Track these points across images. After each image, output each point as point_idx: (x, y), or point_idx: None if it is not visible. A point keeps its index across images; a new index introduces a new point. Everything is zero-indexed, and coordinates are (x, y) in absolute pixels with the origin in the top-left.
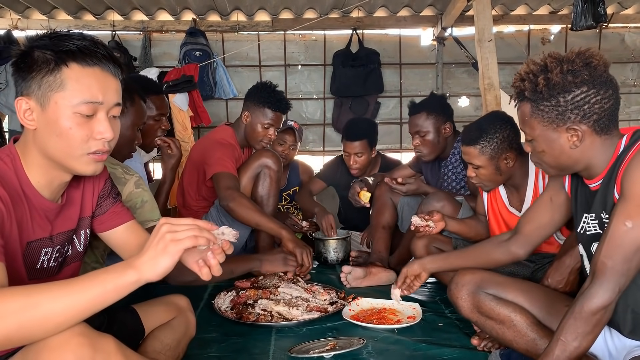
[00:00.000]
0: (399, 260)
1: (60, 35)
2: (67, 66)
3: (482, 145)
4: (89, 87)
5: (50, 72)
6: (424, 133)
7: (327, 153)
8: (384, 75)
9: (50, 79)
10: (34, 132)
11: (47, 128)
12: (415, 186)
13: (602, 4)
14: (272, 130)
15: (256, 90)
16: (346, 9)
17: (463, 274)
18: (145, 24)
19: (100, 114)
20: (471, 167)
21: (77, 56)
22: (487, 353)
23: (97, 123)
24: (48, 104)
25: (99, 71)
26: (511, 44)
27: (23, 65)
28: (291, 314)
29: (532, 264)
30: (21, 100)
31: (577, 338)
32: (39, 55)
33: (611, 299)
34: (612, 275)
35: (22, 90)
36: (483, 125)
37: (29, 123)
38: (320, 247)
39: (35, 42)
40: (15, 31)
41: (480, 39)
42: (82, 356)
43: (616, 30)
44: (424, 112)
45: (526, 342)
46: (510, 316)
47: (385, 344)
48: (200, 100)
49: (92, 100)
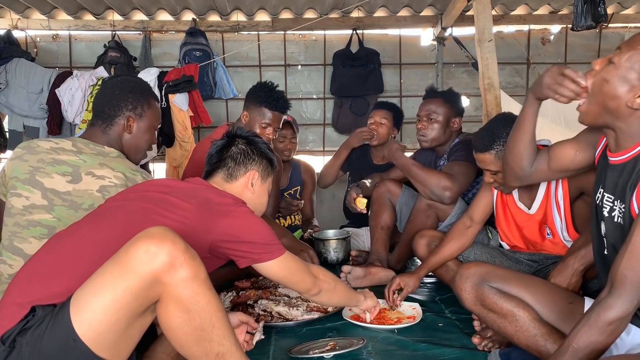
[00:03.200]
0: (398, 260)
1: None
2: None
3: (496, 150)
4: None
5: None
6: (434, 118)
7: (327, 153)
8: (384, 75)
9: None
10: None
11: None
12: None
13: (602, 4)
14: (271, 129)
15: (255, 90)
16: (346, 9)
17: (468, 266)
18: (145, 24)
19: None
20: (488, 173)
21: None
22: (487, 353)
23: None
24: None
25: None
26: (511, 44)
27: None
28: (291, 314)
29: (536, 263)
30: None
31: (589, 346)
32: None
33: (629, 310)
34: (631, 287)
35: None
36: (493, 129)
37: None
38: (320, 247)
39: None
40: (15, 31)
41: (480, 39)
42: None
43: (616, 30)
44: (440, 98)
45: (527, 338)
46: (513, 311)
47: (385, 344)
48: (200, 100)
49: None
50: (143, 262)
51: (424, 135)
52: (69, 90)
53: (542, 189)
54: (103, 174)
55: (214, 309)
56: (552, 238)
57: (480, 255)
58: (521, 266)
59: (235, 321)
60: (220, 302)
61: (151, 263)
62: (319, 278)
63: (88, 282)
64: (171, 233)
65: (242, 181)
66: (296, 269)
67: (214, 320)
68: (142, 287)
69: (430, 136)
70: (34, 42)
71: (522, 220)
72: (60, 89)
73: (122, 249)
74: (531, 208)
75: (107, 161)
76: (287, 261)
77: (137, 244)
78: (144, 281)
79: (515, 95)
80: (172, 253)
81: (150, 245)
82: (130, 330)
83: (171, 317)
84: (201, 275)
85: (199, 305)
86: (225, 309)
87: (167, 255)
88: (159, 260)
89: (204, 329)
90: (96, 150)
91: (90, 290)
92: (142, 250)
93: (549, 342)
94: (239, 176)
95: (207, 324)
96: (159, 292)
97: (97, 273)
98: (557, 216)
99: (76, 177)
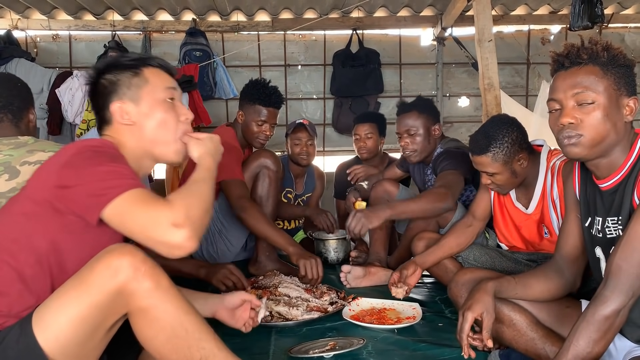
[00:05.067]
0: (398, 261)
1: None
2: (146, 68)
3: (493, 153)
4: (162, 79)
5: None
6: (414, 132)
7: (327, 153)
8: (384, 75)
9: (135, 80)
10: (130, 128)
11: (144, 121)
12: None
13: (600, 4)
14: (267, 126)
15: (248, 88)
16: (346, 9)
17: (463, 272)
18: (145, 24)
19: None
20: (485, 175)
21: (147, 62)
22: (486, 353)
23: (179, 107)
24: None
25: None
26: (511, 44)
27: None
28: (291, 314)
29: (534, 263)
30: (115, 104)
31: (590, 343)
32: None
33: (624, 302)
34: (626, 279)
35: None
36: (489, 132)
37: (126, 122)
38: (320, 247)
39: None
40: (15, 31)
41: (480, 39)
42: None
43: (616, 31)
44: (414, 110)
45: (525, 342)
46: (509, 315)
47: (385, 344)
48: (201, 101)
49: (170, 85)
50: (105, 277)
51: (410, 152)
52: (69, 90)
53: (539, 189)
54: (37, 158)
55: (183, 313)
56: (549, 237)
57: (479, 256)
58: (520, 266)
59: (237, 300)
60: (189, 306)
61: (114, 278)
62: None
63: (52, 300)
64: (129, 246)
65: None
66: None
67: (185, 325)
68: (107, 301)
69: (417, 150)
70: (34, 42)
71: (521, 220)
72: (60, 89)
73: (86, 267)
74: (528, 208)
75: (32, 147)
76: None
77: (99, 261)
78: (109, 295)
79: (515, 95)
80: (133, 265)
81: (111, 260)
82: (97, 343)
83: (143, 329)
84: (164, 283)
85: (167, 313)
86: (196, 311)
87: (128, 268)
88: (121, 274)
89: (178, 335)
90: (13, 142)
91: (55, 307)
92: (104, 266)
93: (547, 344)
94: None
95: (180, 330)
96: (125, 305)
97: (60, 291)
98: (553, 215)
99: (13, 172)
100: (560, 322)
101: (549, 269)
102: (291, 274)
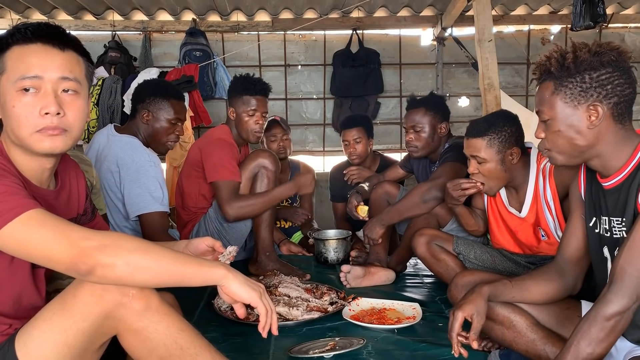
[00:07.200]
0: (398, 262)
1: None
2: (8, 49)
3: (490, 137)
4: (26, 64)
5: None
6: (420, 129)
7: (327, 153)
8: (384, 75)
9: None
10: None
11: (2, 112)
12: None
13: (602, 4)
14: (259, 114)
15: (232, 84)
16: (346, 9)
17: (463, 274)
18: (145, 24)
19: (44, 89)
20: (474, 162)
21: (16, 37)
22: (486, 353)
23: (41, 98)
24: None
25: (39, 46)
26: (511, 44)
27: None
28: (291, 314)
29: (533, 265)
30: None
31: (591, 344)
32: None
33: (628, 305)
34: (630, 282)
35: None
36: (490, 119)
37: None
38: (320, 247)
39: None
40: None
41: (480, 39)
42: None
43: (616, 31)
44: (422, 107)
45: (526, 343)
46: (509, 317)
47: (385, 344)
48: (201, 100)
49: (27, 75)
50: (90, 304)
51: (413, 147)
52: None
53: (530, 192)
54: None
55: (177, 330)
56: (547, 239)
57: (480, 254)
58: (520, 268)
59: (202, 247)
60: (183, 322)
61: (99, 304)
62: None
63: (34, 327)
64: None
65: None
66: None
67: (180, 342)
68: (94, 327)
69: (420, 146)
70: None
71: (515, 225)
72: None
73: (69, 292)
74: (522, 211)
75: None
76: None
77: (82, 286)
78: (96, 321)
79: (515, 95)
80: (119, 290)
81: (96, 287)
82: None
83: (136, 350)
84: (153, 304)
85: (159, 333)
86: (190, 326)
87: (114, 292)
88: (106, 299)
89: (173, 354)
90: None
91: (38, 334)
92: (88, 292)
93: (548, 345)
94: None
95: (174, 348)
96: (114, 328)
97: (43, 316)
98: (549, 216)
99: None
100: (560, 323)
101: (550, 271)
102: (291, 274)
